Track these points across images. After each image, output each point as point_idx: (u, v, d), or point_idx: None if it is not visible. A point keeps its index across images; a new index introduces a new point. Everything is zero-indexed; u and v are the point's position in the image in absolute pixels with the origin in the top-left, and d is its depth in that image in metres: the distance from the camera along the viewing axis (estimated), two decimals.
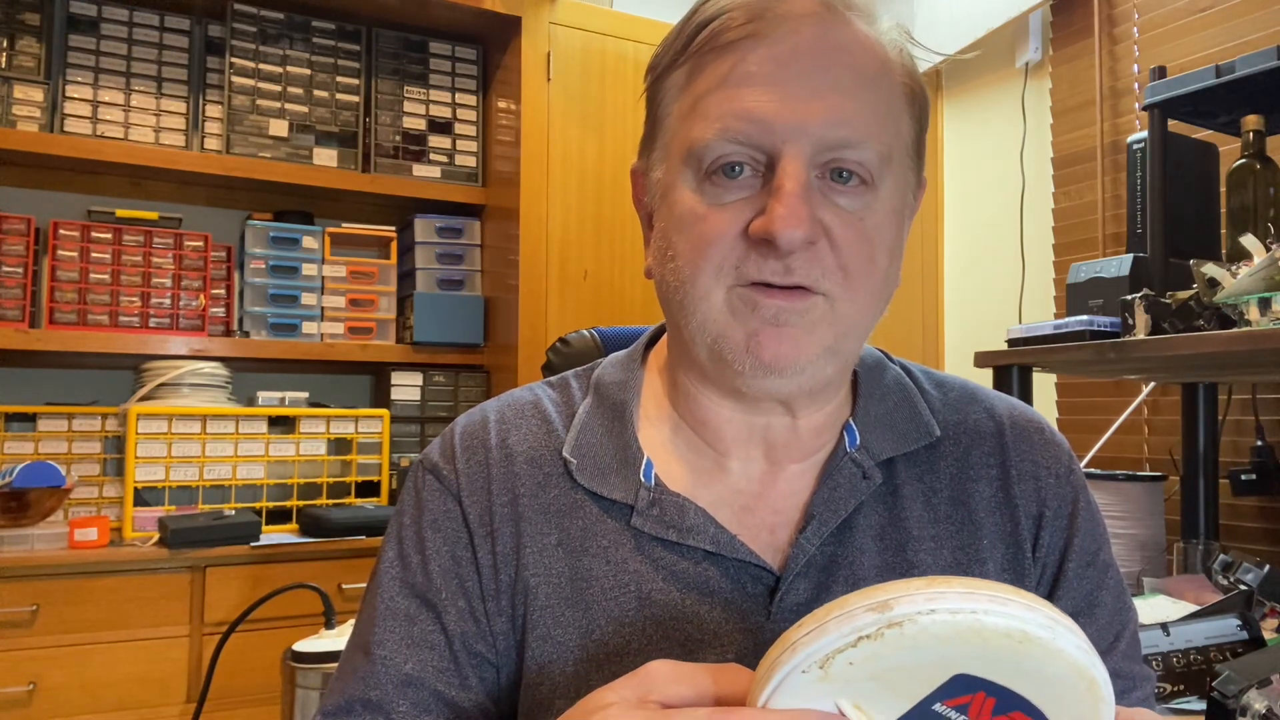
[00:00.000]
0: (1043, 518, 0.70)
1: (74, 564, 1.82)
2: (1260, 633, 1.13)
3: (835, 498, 0.66)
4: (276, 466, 2.18)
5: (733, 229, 0.61)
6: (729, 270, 0.62)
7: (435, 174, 2.44)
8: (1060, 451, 0.73)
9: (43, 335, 2.06)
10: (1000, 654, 0.37)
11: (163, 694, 1.86)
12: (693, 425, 0.70)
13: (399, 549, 0.68)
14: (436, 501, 0.69)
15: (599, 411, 0.71)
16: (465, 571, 0.66)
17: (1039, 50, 2.40)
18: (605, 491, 0.67)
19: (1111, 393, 2.14)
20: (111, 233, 2.15)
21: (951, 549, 0.67)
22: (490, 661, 0.65)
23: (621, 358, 0.76)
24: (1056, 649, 0.38)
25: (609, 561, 0.65)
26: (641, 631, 0.63)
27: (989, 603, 0.37)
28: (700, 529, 0.65)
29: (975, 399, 0.74)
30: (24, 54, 2.10)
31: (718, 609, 0.63)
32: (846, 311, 0.63)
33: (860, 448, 0.68)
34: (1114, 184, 2.19)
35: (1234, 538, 1.85)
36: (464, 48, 2.50)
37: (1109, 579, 0.72)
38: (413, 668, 0.64)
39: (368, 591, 0.69)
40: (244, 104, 2.25)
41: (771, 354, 0.62)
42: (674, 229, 0.65)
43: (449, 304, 2.39)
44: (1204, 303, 1.32)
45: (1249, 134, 1.45)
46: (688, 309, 0.64)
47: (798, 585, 0.64)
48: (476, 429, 0.71)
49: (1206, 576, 1.37)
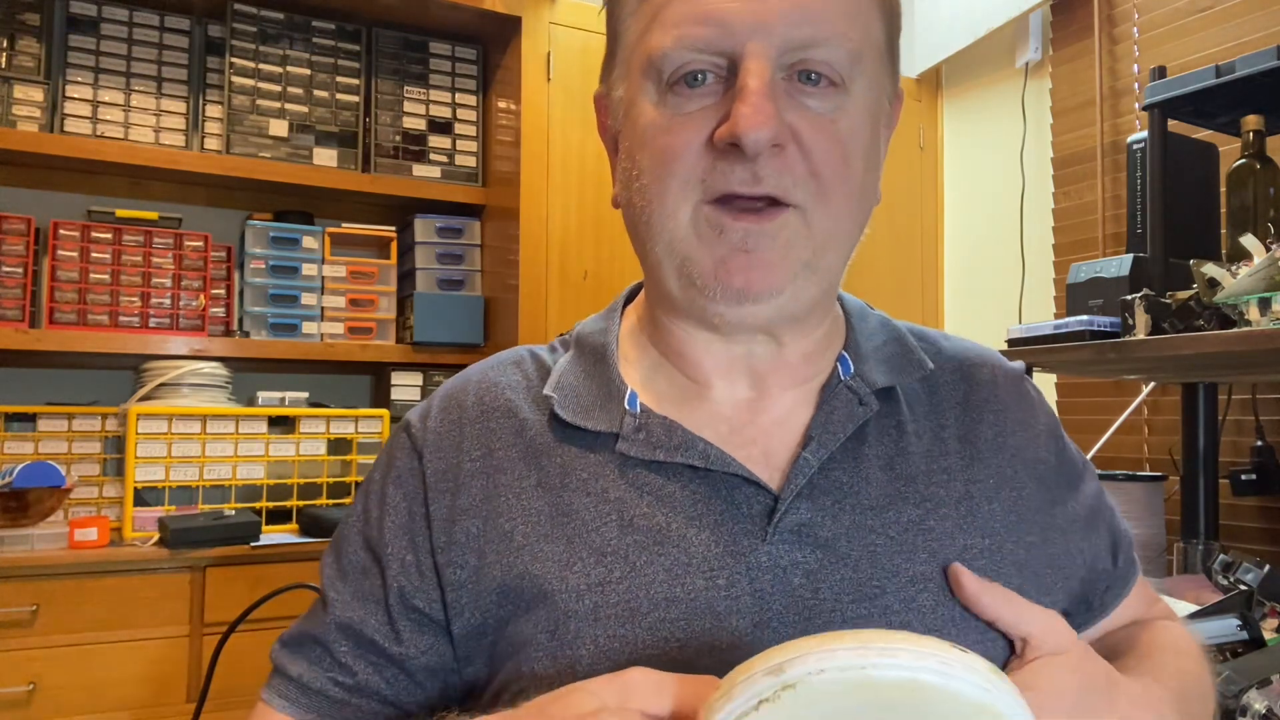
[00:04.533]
0: (1043, 462, 0.70)
1: (74, 564, 1.82)
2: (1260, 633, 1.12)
3: (833, 420, 0.64)
4: (276, 466, 2.18)
5: (697, 138, 0.59)
6: (694, 184, 0.59)
7: (435, 174, 2.44)
8: (1041, 399, 0.75)
9: (43, 335, 2.05)
10: (897, 704, 0.38)
11: (163, 694, 1.86)
12: (673, 359, 0.68)
13: (364, 503, 0.69)
14: (403, 459, 0.68)
15: (579, 358, 0.70)
16: (417, 526, 0.65)
17: (1039, 50, 2.40)
18: (589, 424, 0.64)
19: (1111, 393, 2.14)
20: (111, 233, 2.14)
21: (963, 482, 0.65)
22: (429, 616, 0.64)
23: (601, 312, 0.75)
24: (951, 692, 0.39)
25: (589, 493, 0.63)
26: (624, 559, 0.60)
27: (878, 656, 0.38)
28: (690, 444, 0.62)
29: (960, 346, 0.75)
30: (24, 54, 2.10)
31: (706, 531, 0.60)
32: (822, 224, 0.60)
33: (854, 376, 0.66)
34: (1114, 184, 2.19)
35: (1234, 538, 1.85)
36: (464, 48, 2.50)
37: (1104, 504, 0.75)
38: (357, 618, 0.65)
39: (337, 538, 0.70)
40: (244, 104, 2.25)
41: (742, 281, 0.59)
42: (637, 146, 0.62)
43: (449, 304, 2.39)
44: (1204, 303, 1.32)
45: (1249, 134, 1.45)
46: (654, 229, 0.61)
47: (799, 506, 0.61)
48: (456, 390, 0.71)
49: (1206, 576, 1.37)
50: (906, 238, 2.71)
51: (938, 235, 2.74)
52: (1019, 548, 0.65)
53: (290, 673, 0.67)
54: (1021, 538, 0.65)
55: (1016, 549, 0.65)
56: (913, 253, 2.71)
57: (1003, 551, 0.64)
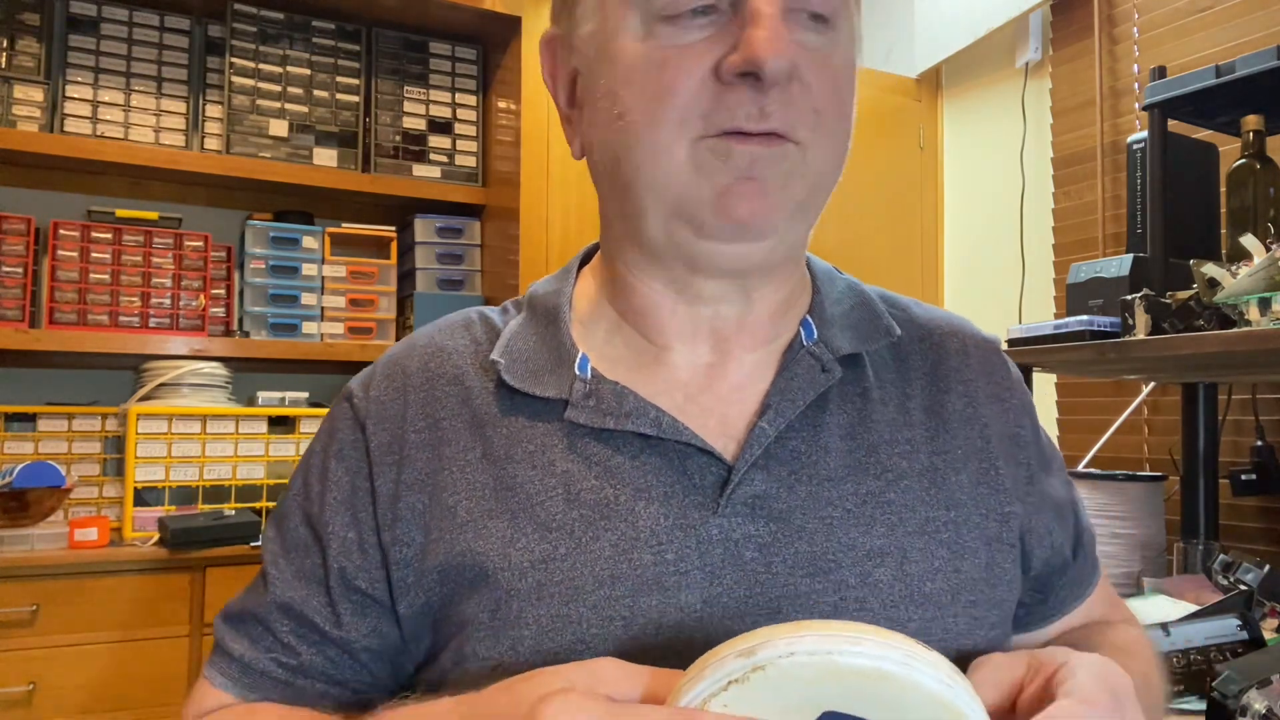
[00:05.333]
0: (1017, 438, 0.68)
1: (74, 564, 1.82)
2: (1260, 633, 1.12)
3: (793, 387, 0.61)
4: (276, 466, 2.18)
5: (699, 70, 0.55)
6: (695, 119, 0.56)
7: (435, 174, 2.44)
8: (1015, 372, 0.72)
9: (43, 335, 2.05)
10: (860, 691, 0.40)
11: (163, 694, 1.86)
12: (632, 320, 0.65)
13: (305, 476, 0.67)
14: (345, 431, 0.66)
15: (531, 320, 0.67)
16: (360, 502, 0.63)
17: (1039, 50, 2.40)
18: (537, 390, 0.61)
19: (1111, 393, 2.14)
20: (111, 233, 2.14)
21: (927, 454, 0.63)
22: (371, 597, 0.62)
23: (556, 273, 0.72)
24: (913, 683, 0.40)
25: (534, 466, 0.60)
26: (569, 534, 0.57)
27: (845, 643, 0.40)
28: (641, 411, 0.59)
29: (933, 314, 0.73)
30: (24, 54, 2.10)
31: (656, 504, 0.58)
32: (816, 162, 0.58)
33: (818, 341, 0.64)
34: (1114, 184, 2.19)
35: (1234, 538, 1.85)
36: (464, 48, 2.50)
37: (1074, 496, 0.73)
38: (298, 597, 0.63)
39: (278, 512, 0.68)
40: (244, 104, 2.25)
41: (747, 210, 0.56)
42: (620, 83, 0.58)
43: (449, 304, 2.39)
44: (1204, 303, 1.32)
45: (1249, 134, 1.46)
46: (642, 170, 0.57)
47: (754, 476, 0.59)
48: (400, 355, 0.68)
49: (1206, 576, 1.37)
50: (906, 238, 2.71)
51: (938, 235, 2.74)
52: (988, 520, 0.63)
53: (232, 651, 0.65)
54: (992, 510, 0.64)
55: (986, 522, 0.63)
56: (913, 253, 2.71)
57: (969, 524, 0.62)
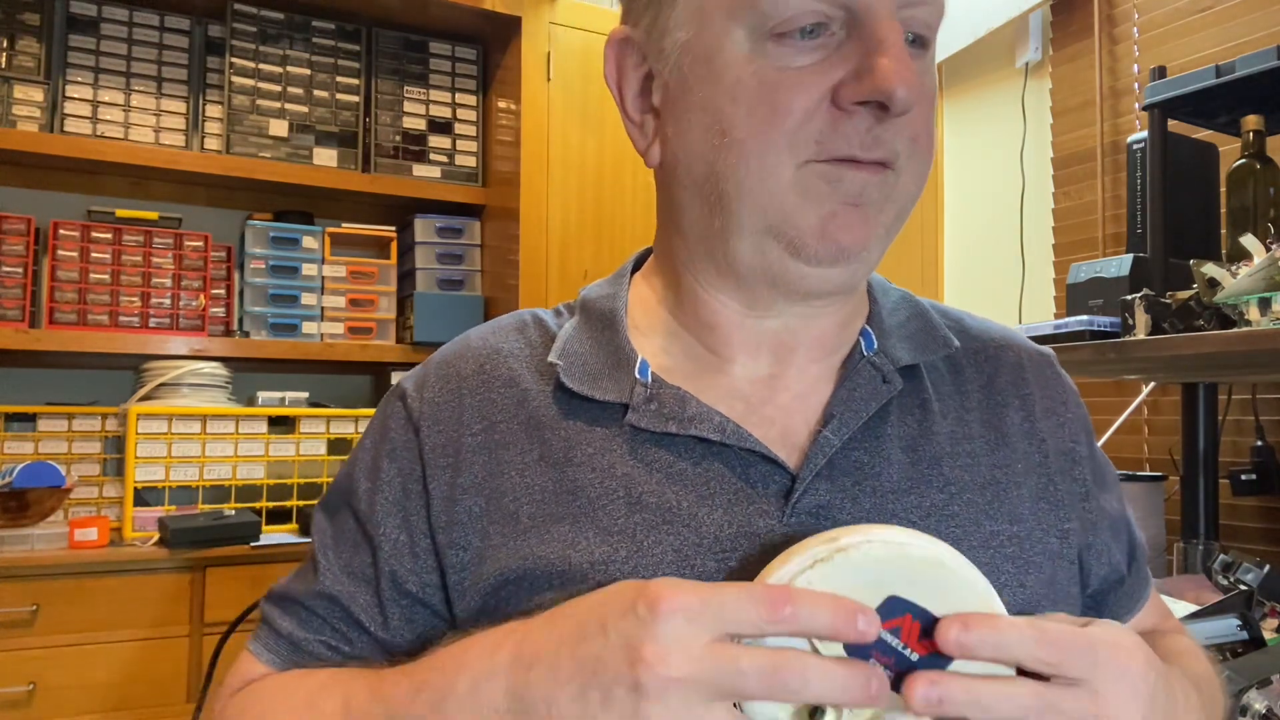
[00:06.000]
0: (1073, 453, 0.67)
1: (74, 564, 1.82)
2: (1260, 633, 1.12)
3: (855, 398, 0.61)
4: (276, 466, 2.18)
5: (815, 94, 0.54)
6: (806, 143, 0.55)
7: (435, 174, 2.44)
8: (1070, 386, 0.72)
9: (43, 335, 2.05)
10: (921, 577, 0.48)
11: (163, 694, 1.86)
12: (695, 331, 0.64)
13: (354, 471, 0.67)
14: (398, 431, 0.65)
15: (586, 324, 0.66)
16: (413, 505, 0.62)
17: (1039, 50, 2.40)
18: (596, 394, 0.61)
19: (1111, 393, 2.14)
20: (111, 233, 2.14)
21: (988, 467, 0.63)
22: (422, 601, 0.62)
23: (608, 278, 0.71)
24: (963, 575, 0.49)
25: (595, 469, 0.59)
26: (631, 538, 0.57)
27: (913, 538, 0.49)
28: (705, 416, 0.59)
29: (987, 326, 0.72)
30: (24, 54, 2.10)
31: (719, 511, 0.57)
32: (908, 186, 0.58)
33: (878, 352, 0.64)
34: (1114, 184, 2.19)
35: (1234, 538, 1.85)
36: (464, 48, 2.50)
37: (1128, 512, 0.72)
38: (345, 592, 0.64)
39: (327, 502, 0.68)
40: (244, 104, 2.25)
41: (849, 237, 0.56)
42: (726, 100, 0.56)
43: (449, 304, 2.39)
44: (1204, 303, 1.32)
45: (1249, 134, 1.45)
46: (745, 189, 0.56)
47: (818, 486, 0.58)
48: (454, 356, 0.68)
49: (1206, 576, 1.37)
50: (906, 238, 2.70)
51: (938, 235, 2.74)
52: (1050, 535, 0.63)
53: (281, 628, 0.65)
54: (1052, 526, 0.63)
55: (1047, 537, 0.63)
56: (913, 253, 2.71)
57: (1032, 539, 0.62)
